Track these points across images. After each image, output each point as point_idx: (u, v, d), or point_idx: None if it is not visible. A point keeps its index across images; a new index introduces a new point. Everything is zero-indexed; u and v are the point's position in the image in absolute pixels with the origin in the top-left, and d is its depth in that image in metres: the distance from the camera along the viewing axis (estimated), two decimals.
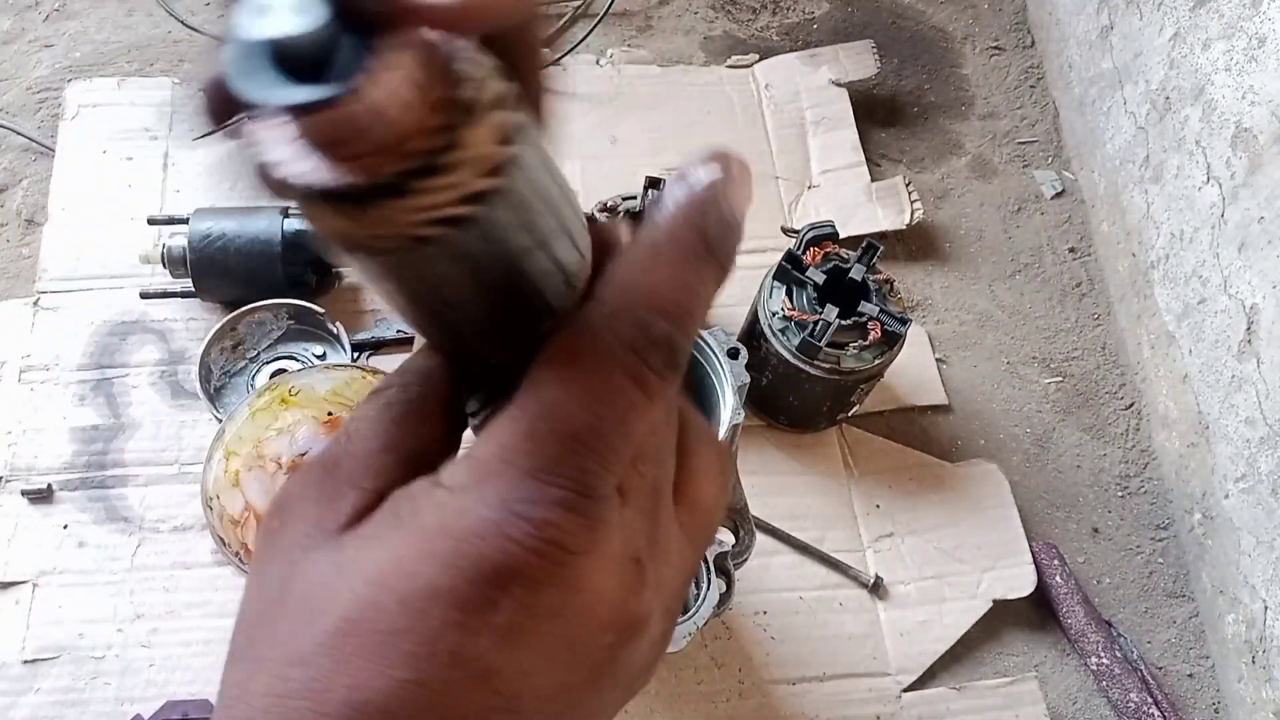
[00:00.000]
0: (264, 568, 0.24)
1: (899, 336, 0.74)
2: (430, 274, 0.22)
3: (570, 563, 0.21)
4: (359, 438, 0.24)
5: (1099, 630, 0.75)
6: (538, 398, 0.22)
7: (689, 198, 0.23)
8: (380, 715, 0.20)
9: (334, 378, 0.66)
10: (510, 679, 0.21)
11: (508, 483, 0.21)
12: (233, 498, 0.65)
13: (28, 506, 0.75)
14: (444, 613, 0.20)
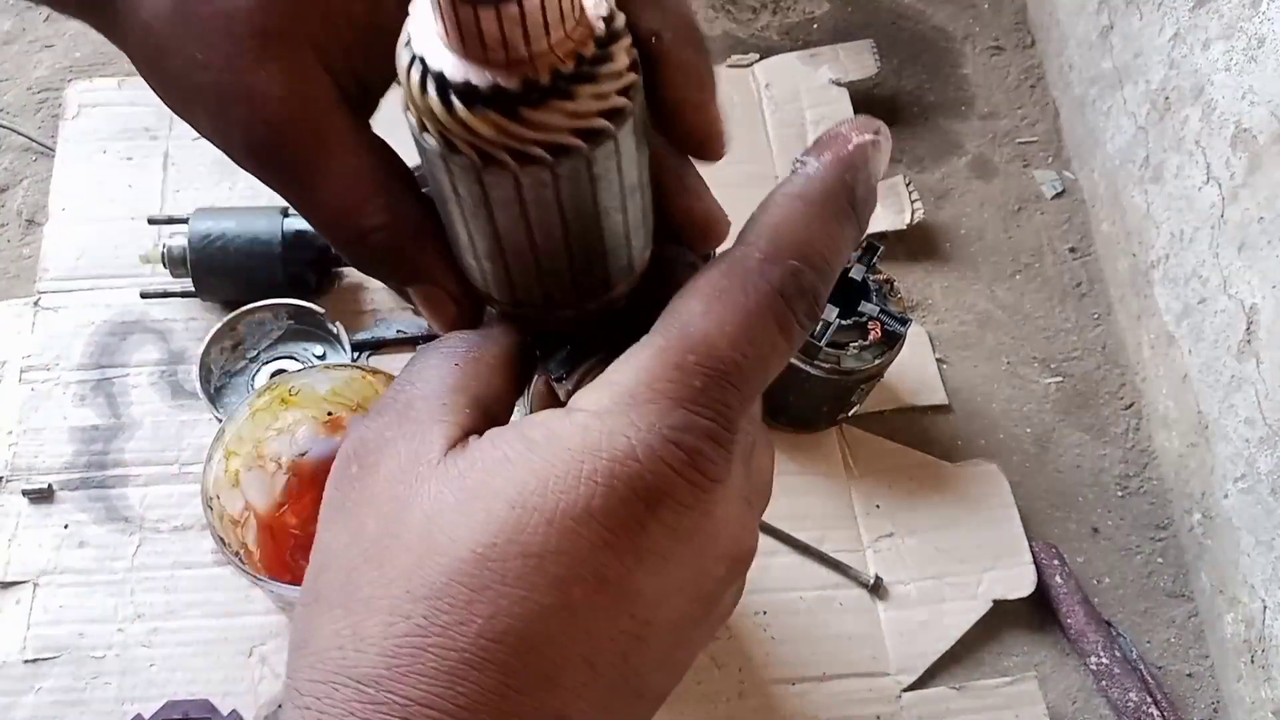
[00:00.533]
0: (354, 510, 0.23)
1: (899, 336, 0.74)
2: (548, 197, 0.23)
3: (711, 490, 0.21)
4: (425, 382, 0.24)
5: (1099, 630, 0.75)
6: (685, 331, 0.22)
7: (842, 156, 0.23)
8: (521, 644, 0.20)
9: (334, 378, 0.66)
10: (647, 604, 0.21)
11: (660, 410, 0.21)
12: (233, 498, 0.65)
13: (28, 506, 0.75)
14: (595, 533, 0.20)
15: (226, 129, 0.27)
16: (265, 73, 0.26)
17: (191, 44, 0.26)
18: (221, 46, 0.26)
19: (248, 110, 0.26)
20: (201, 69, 0.26)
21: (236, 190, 0.88)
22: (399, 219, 0.27)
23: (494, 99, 0.21)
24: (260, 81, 0.26)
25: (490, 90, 0.21)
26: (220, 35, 0.25)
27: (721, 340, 0.22)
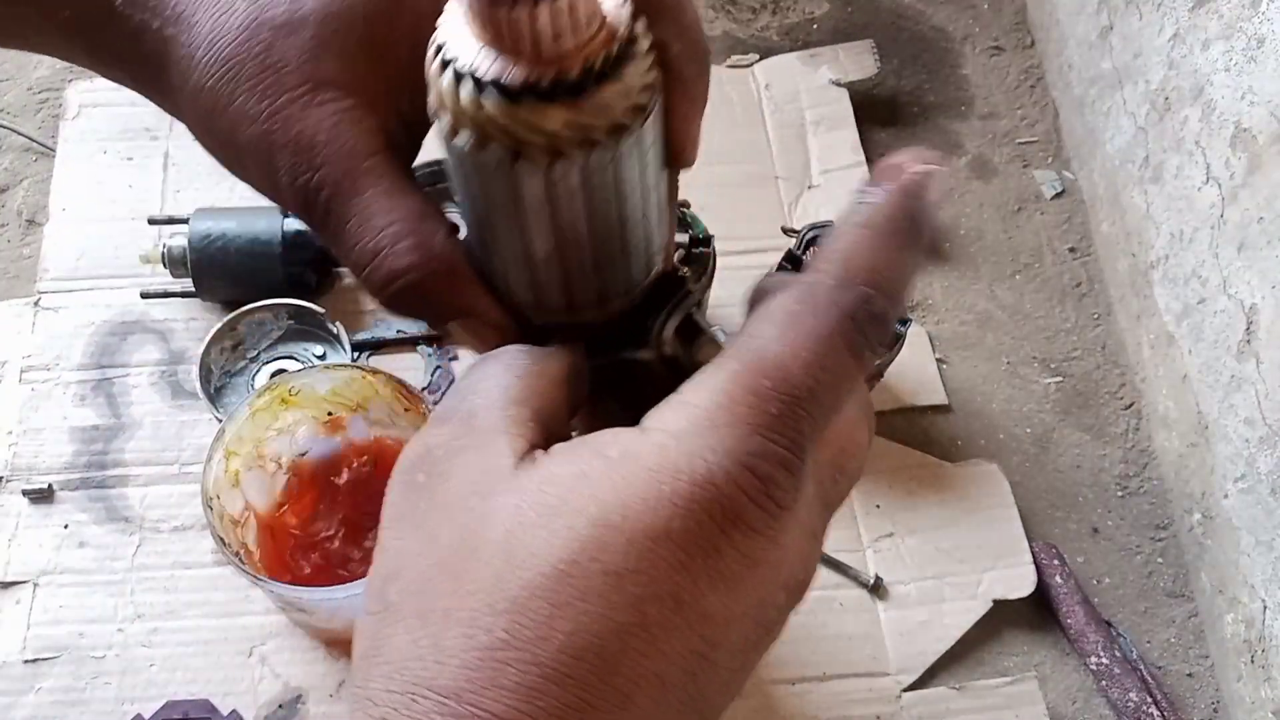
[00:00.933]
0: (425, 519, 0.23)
1: (899, 336, 0.74)
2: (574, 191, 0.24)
3: (780, 517, 0.22)
4: (487, 392, 0.25)
5: (1099, 630, 0.75)
6: (761, 356, 0.22)
7: (902, 185, 0.24)
8: (600, 661, 0.20)
9: (334, 378, 0.66)
10: (716, 626, 0.21)
11: (737, 435, 0.21)
12: (233, 498, 0.65)
13: (28, 506, 0.75)
14: (672, 554, 0.21)
15: (274, 178, 0.28)
16: (311, 120, 0.27)
17: (241, 100, 0.27)
18: (270, 98, 0.27)
19: (292, 158, 0.27)
20: (250, 121, 0.27)
21: (236, 190, 0.88)
22: (428, 257, 0.27)
23: (525, 93, 0.22)
24: (306, 128, 0.27)
25: (523, 85, 0.22)
26: (270, 87, 0.27)
27: (796, 365, 0.22)
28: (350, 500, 0.71)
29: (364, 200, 0.27)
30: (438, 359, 0.82)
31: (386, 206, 0.27)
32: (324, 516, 0.71)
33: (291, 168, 0.27)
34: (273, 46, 0.27)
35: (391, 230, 0.27)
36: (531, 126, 0.23)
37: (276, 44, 0.27)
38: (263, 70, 0.27)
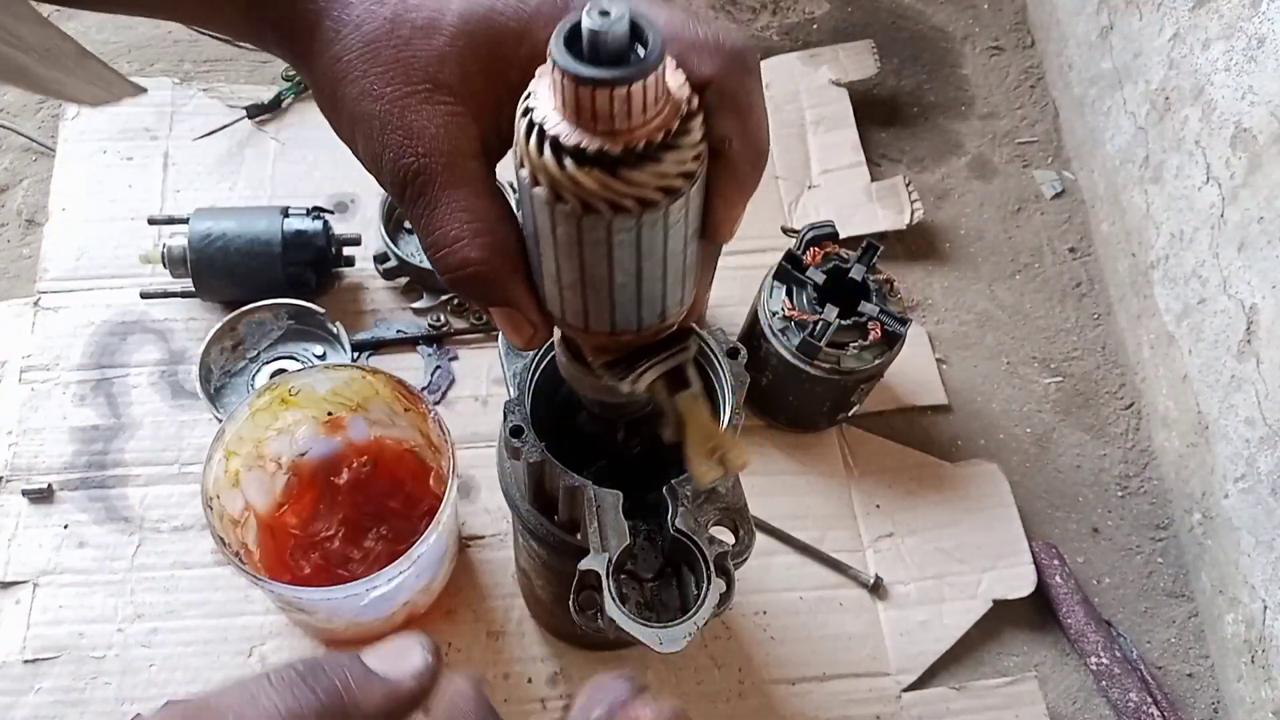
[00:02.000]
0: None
1: (899, 336, 0.74)
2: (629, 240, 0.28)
3: None
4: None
5: (1099, 630, 0.75)
6: None
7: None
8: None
9: (334, 378, 0.66)
10: None
11: None
12: (233, 498, 0.65)
13: (28, 506, 0.75)
14: None
15: (379, 152, 0.32)
16: (425, 114, 0.31)
17: (371, 78, 0.32)
18: (396, 84, 0.32)
19: (402, 140, 0.32)
20: (373, 99, 0.32)
21: (236, 190, 0.88)
22: (496, 255, 0.32)
23: (599, 160, 0.27)
24: (420, 120, 0.31)
25: (597, 153, 0.27)
26: (398, 75, 0.31)
27: None
28: (350, 500, 0.71)
29: (457, 194, 0.32)
30: (437, 359, 0.82)
31: (474, 204, 0.32)
32: (324, 516, 0.71)
33: (399, 148, 0.32)
34: (410, 42, 0.32)
35: (473, 225, 0.32)
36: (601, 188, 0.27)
37: (413, 41, 0.32)
38: (396, 60, 0.31)
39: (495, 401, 0.81)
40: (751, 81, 0.30)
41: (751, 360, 0.58)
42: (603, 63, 0.25)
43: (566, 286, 0.31)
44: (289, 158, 0.89)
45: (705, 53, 0.30)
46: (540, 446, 0.43)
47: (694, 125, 0.28)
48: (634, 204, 0.27)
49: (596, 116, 0.26)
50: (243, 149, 0.90)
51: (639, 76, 0.25)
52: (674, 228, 0.29)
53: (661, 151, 0.27)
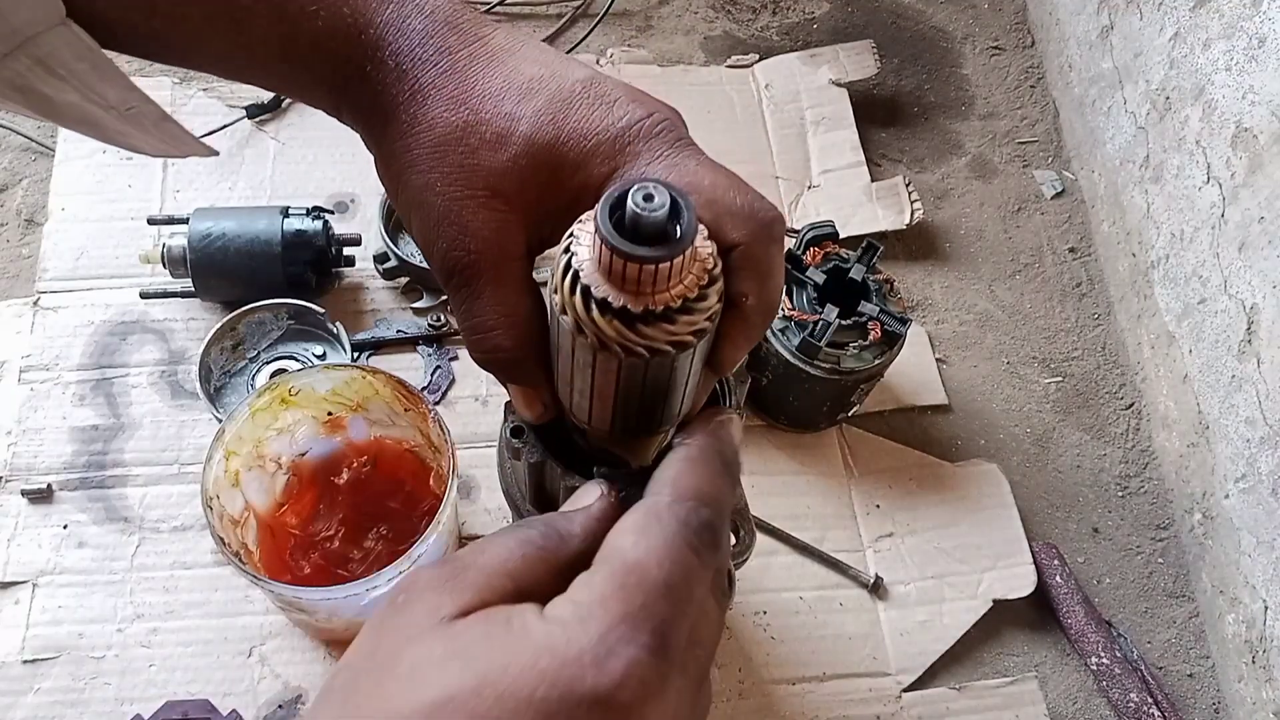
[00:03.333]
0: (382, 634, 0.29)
1: (899, 336, 0.74)
2: (637, 373, 0.33)
3: (646, 700, 0.26)
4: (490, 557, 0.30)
5: (1099, 630, 0.75)
6: (624, 560, 0.28)
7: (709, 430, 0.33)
8: None
9: (334, 378, 0.66)
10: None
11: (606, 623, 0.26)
12: (233, 498, 0.65)
13: (28, 506, 0.75)
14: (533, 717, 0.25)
15: (434, 240, 0.36)
16: (481, 216, 0.35)
17: (436, 175, 0.36)
18: (459, 186, 0.36)
19: (457, 234, 0.36)
20: (435, 194, 0.36)
21: (236, 190, 0.88)
22: (524, 346, 0.37)
23: (620, 314, 0.31)
24: (476, 221, 0.35)
25: (620, 308, 0.30)
26: (462, 179, 0.35)
27: (651, 564, 0.28)
28: (350, 500, 0.71)
29: (499, 290, 0.36)
30: (437, 359, 0.82)
31: (511, 300, 0.36)
32: (324, 516, 0.71)
33: (452, 241, 0.36)
34: (477, 151, 0.35)
35: (509, 318, 0.36)
36: (618, 335, 0.31)
37: (480, 151, 0.35)
38: (462, 165, 0.35)
39: (495, 401, 0.81)
40: (775, 250, 0.34)
41: (752, 360, 0.58)
42: (640, 240, 0.29)
43: (577, 391, 0.36)
44: (289, 158, 0.89)
45: (738, 220, 0.33)
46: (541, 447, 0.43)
47: (712, 291, 0.32)
48: (645, 351, 0.31)
49: (625, 280, 0.30)
50: (243, 149, 0.90)
51: (669, 258, 0.29)
52: (680, 367, 0.33)
53: (677, 314, 0.31)
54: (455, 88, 0.36)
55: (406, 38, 0.37)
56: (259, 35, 0.37)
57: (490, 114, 0.36)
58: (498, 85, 0.36)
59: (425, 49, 0.36)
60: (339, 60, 0.37)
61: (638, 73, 0.98)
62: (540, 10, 1.04)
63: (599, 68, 0.98)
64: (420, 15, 0.37)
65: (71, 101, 0.37)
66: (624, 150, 0.35)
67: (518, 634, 0.26)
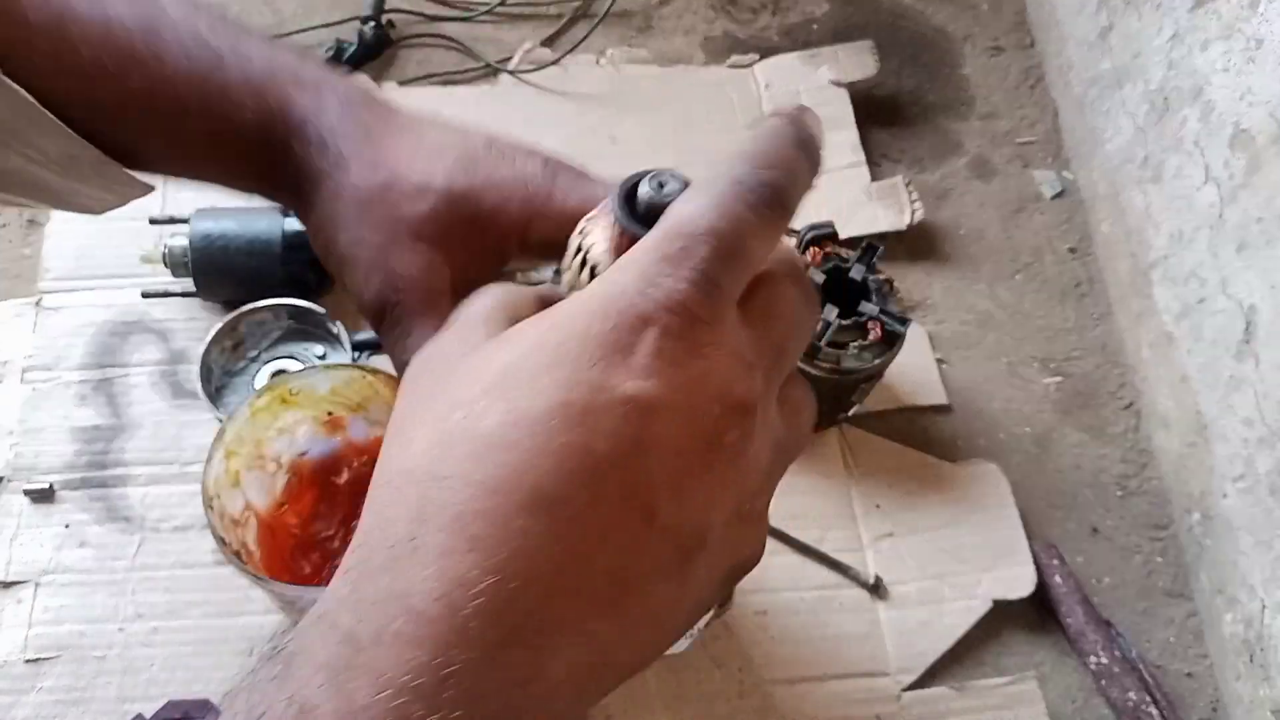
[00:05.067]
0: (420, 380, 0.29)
1: (899, 336, 0.74)
2: None
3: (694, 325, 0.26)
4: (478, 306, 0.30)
5: (1098, 630, 0.75)
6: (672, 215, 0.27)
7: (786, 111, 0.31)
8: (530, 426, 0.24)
9: (334, 378, 0.66)
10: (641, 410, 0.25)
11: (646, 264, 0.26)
12: (233, 497, 0.65)
13: (29, 506, 0.75)
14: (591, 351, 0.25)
15: (363, 288, 0.40)
16: (406, 260, 0.39)
17: (363, 229, 0.39)
18: (383, 235, 0.39)
19: (383, 279, 0.39)
20: (363, 246, 0.39)
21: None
22: None
23: None
24: (401, 263, 0.39)
25: None
26: (386, 229, 0.39)
27: (695, 213, 0.27)
28: (350, 500, 0.71)
29: (428, 323, 0.38)
30: None
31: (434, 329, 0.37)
32: (324, 516, 0.71)
33: (381, 285, 0.39)
34: (398, 205, 0.39)
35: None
36: None
37: (401, 204, 0.39)
38: (386, 217, 0.39)
39: None
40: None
41: None
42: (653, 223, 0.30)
43: None
44: None
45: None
46: None
47: None
48: None
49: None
50: None
51: None
52: None
53: None
54: (373, 154, 0.40)
55: (325, 116, 0.41)
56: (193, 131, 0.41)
57: (407, 172, 0.40)
58: (410, 148, 0.41)
59: (343, 124, 0.41)
60: (267, 145, 0.41)
61: (638, 73, 0.98)
62: (540, 10, 1.04)
63: (598, 67, 0.99)
64: (336, 97, 0.42)
65: (16, 167, 0.39)
66: (536, 193, 0.40)
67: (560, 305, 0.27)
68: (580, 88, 0.97)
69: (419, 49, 1.01)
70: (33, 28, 0.38)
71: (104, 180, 0.42)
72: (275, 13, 1.02)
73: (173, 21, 0.41)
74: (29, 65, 0.37)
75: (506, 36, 1.02)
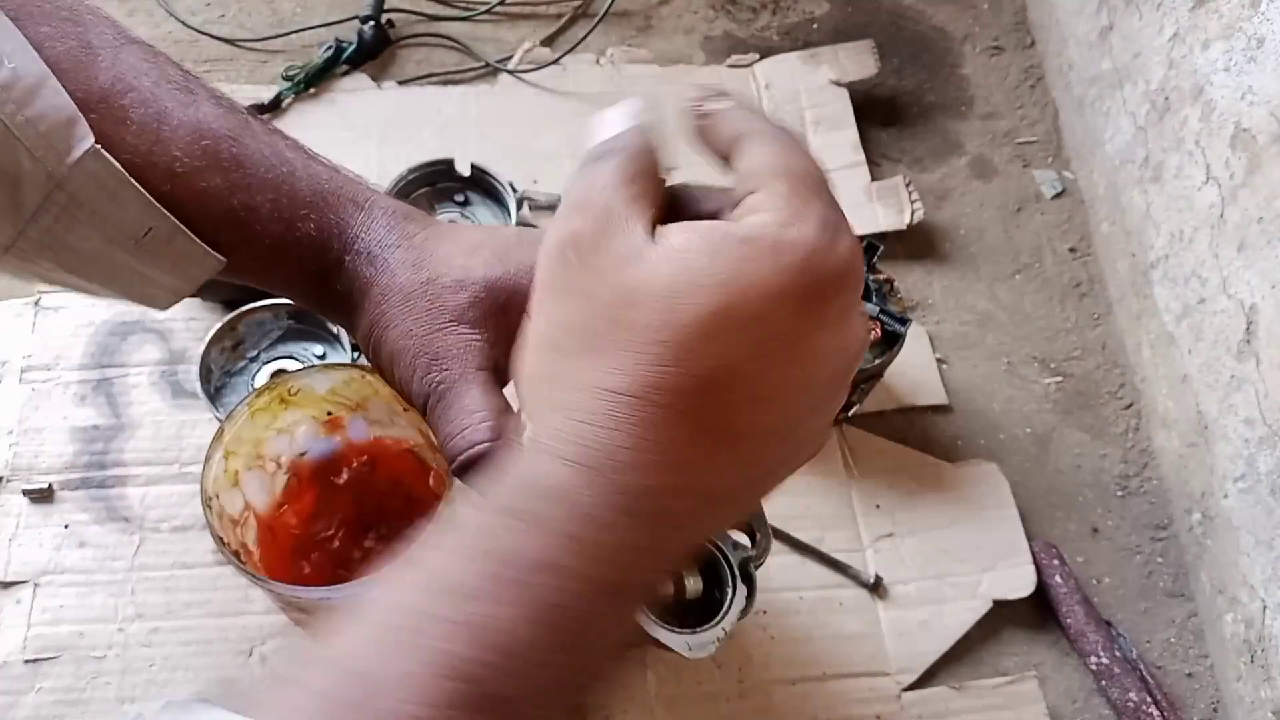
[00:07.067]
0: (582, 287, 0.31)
1: (899, 336, 0.74)
2: None
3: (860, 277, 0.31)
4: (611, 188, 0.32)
5: (1099, 630, 0.75)
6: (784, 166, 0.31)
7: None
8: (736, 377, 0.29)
9: (333, 377, 0.66)
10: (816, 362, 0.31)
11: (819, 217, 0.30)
12: (232, 497, 0.65)
13: (29, 506, 0.75)
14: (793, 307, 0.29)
15: (410, 376, 0.43)
16: (449, 340, 0.42)
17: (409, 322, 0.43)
18: (427, 324, 0.42)
19: (429, 361, 0.42)
20: (409, 336, 0.43)
21: None
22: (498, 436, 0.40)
23: None
24: (444, 345, 0.42)
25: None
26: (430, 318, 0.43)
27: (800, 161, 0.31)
28: (350, 500, 0.71)
29: (469, 394, 0.41)
30: None
31: (481, 401, 0.41)
32: (324, 516, 0.71)
33: (427, 367, 0.42)
34: (440, 297, 0.43)
35: (479, 415, 0.41)
36: None
37: (443, 295, 0.43)
38: (429, 308, 0.43)
39: None
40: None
41: None
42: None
43: None
44: None
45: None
46: None
47: None
48: None
49: None
50: None
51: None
52: None
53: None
54: (416, 257, 0.44)
55: (373, 231, 0.45)
56: (260, 235, 0.44)
57: (447, 269, 0.43)
58: (448, 249, 0.44)
59: (389, 236, 0.45)
60: (322, 254, 0.45)
61: (638, 73, 0.98)
62: (540, 10, 1.04)
63: (598, 67, 0.99)
64: (383, 214, 0.46)
65: (94, 248, 0.42)
66: None
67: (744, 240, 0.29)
68: (580, 88, 0.97)
69: (419, 48, 1.01)
70: (130, 123, 0.41)
71: (175, 257, 0.44)
72: (275, 13, 1.02)
73: (255, 134, 0.45)
74: (121, 158, 0.40)
75: (506, 36, 1.02)
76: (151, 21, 0.99)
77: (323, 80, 0.95)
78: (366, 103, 0.95)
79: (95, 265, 0.43)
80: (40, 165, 0.38)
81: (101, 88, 0.41)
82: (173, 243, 0.43)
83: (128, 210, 0.41)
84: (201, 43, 0.98)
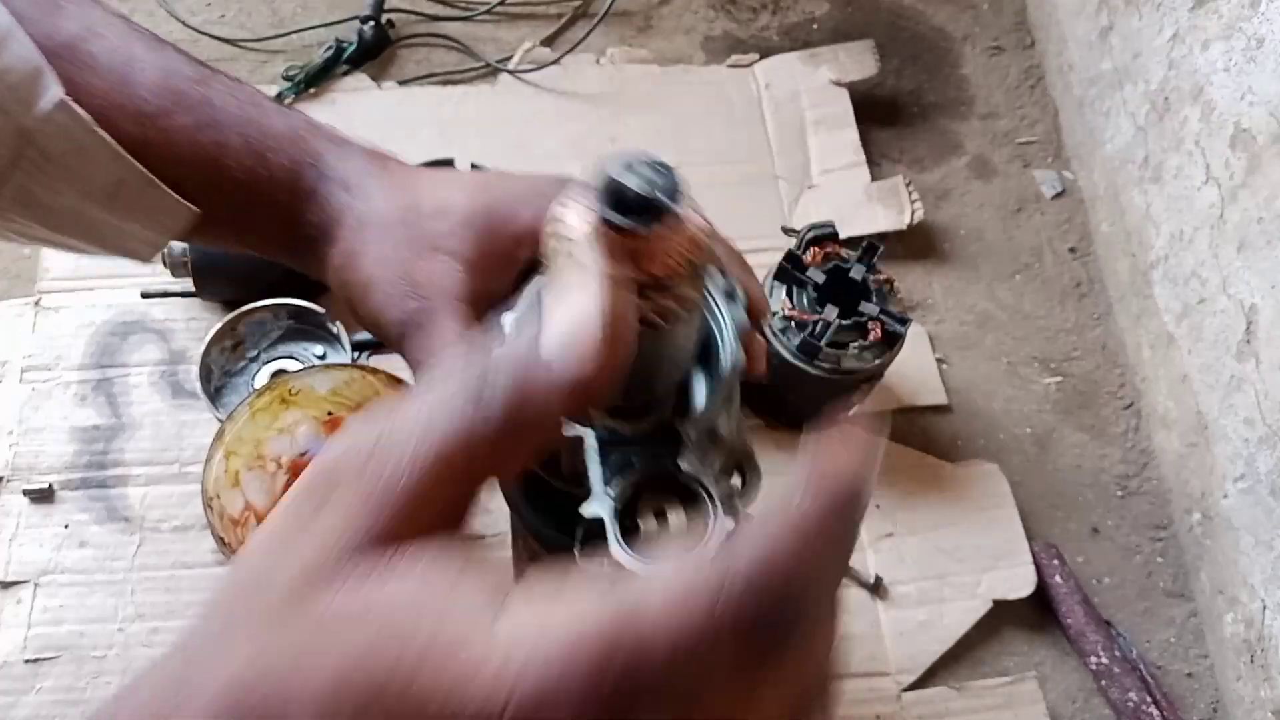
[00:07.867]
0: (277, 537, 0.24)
1: (899, 336, 0.74)
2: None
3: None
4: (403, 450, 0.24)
5: (1099, 630, 0.75)
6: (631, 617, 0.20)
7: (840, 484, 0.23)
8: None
9: (334, 378, 0.66)
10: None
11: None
12: (233, 498, 0.65)
13: (29, 506, 0.75)
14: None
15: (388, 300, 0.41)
16: (429, 268, 0.41)
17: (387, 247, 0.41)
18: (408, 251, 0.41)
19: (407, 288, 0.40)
20: (387, 262, 0.41)
21: None
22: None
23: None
24: (423, 273, 0.41)
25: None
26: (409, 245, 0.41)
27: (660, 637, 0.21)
28: None
29: (447, 324, 0.40)
30: None
31: (458, 333, 0.40)
32: None
33: (404, 295, 0.40)
34: (419, 223, 0.42)
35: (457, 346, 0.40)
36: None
37: (423, 222, 0.42)
38: (408, 235, 0.41)
39: None
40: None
41: None
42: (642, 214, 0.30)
43: None
44: None
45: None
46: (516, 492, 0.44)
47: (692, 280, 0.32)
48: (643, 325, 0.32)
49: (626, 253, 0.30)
50: None
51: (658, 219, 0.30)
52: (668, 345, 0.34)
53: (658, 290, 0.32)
54: (395, 184, 0.43)
55: (349, 163, 0.44)
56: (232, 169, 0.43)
57: (427, 197, 0.42)
58: (429, 181, 0.44)
59: (366, 169, 0.44)
60: (294, 185, 0.43)
61: (638, 73, 0.98)
62: (540, 10, 1.04)
63: (598, 67, 0.99)
64: (360, 151, 0.45)
65: (68, 205, 0.41)
66: (544, 194, 0.41)
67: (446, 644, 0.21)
68: (580, 87, 0.97)
69: (419, 48, 1.01)
70: (98, 68, 0.41)
71: (149, 209, 0.43)
72: (275, 13, 1.02)
73: (224, 80, 0.44)
74: (90, 102, 0.40)
75: (506, 36, 1.02)
76: (151, 22, 0.99)
77: (323, 80, 0.95)
78: (367, 103, 0.95)
79: (72, 221, 0.43)
80: (10, 119, 0.38)
81: (69, 33, 0.40)
82: (145, 195, 0.43)
83: (97, 162, 0.40)
84: (201, 43, 0.98)
